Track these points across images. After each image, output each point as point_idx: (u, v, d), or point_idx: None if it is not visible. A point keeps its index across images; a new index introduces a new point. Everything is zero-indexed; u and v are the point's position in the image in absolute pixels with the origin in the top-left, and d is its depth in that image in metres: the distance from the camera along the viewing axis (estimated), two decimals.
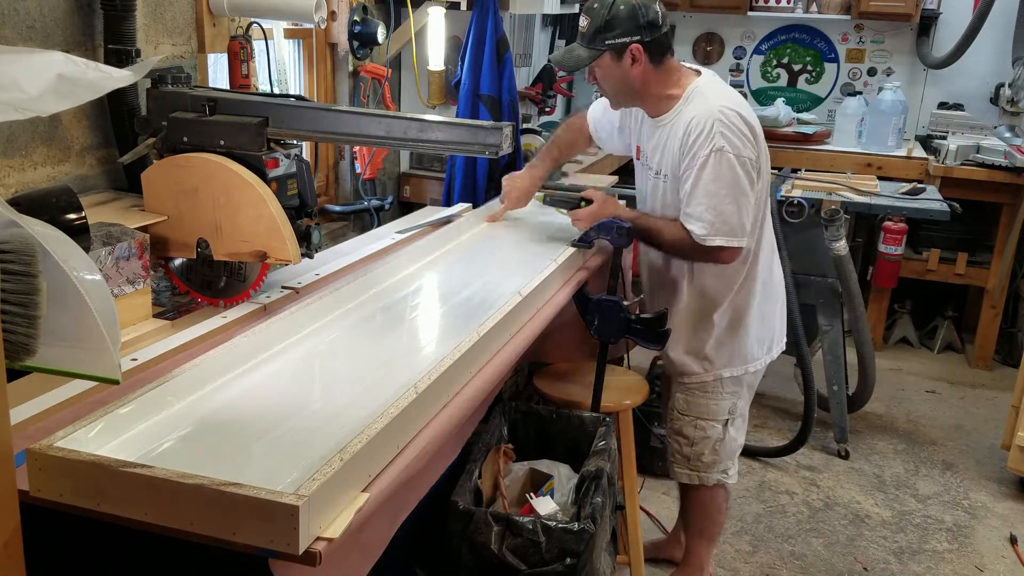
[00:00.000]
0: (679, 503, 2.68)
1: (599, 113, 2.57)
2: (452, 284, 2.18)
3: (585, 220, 2.36)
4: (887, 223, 4.30)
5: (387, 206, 3.16)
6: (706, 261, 2.23)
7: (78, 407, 1.37)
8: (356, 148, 3.21)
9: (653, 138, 2.28)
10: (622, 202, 2.54)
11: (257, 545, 1.07)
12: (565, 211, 2.47)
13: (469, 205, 2.97)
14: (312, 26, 2.67)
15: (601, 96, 2.38)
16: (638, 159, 2.42)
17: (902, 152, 4.68)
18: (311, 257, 1.93)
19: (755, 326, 2.37)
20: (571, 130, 2.68)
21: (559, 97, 4.62)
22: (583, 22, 2.16)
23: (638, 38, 2.10)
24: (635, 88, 2.19)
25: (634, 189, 2.54)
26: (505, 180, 2.67)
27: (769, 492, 3.29)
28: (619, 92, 2.24)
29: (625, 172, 4.52)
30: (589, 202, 2.40)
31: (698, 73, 2.25)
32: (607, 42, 2.12)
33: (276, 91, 2.61)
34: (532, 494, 1.92)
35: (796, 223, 3.46)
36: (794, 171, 3.92)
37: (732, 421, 2.42)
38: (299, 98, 1.91)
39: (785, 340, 2.51)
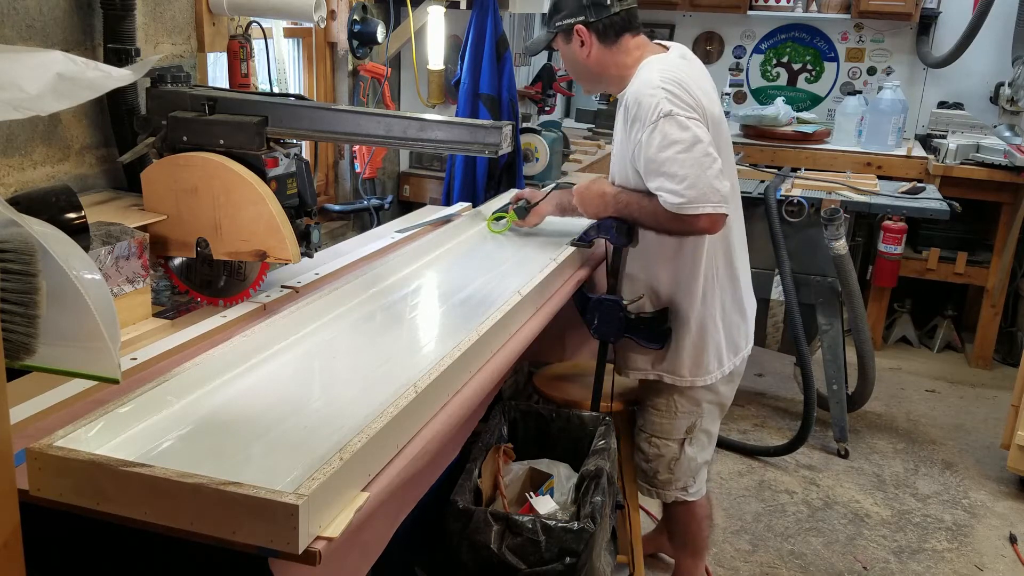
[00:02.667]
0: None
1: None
2: (452, 283, 2.18)
3: (576, 198, 2.23)
4: (887, 222, 4.30)
5: (387, 205, 3.16)
6: (688, 233, 2.05)
7: (78, 406, 1.37)
8: (356, 147, 3.21)
9: (616, 119, 2.21)
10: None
11: (257, 544, 1.07)
12: (517, 219, 2.52)
13: (469, 204, 2.97)
14: (312, 25, 2.67)
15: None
16: None
17: (902, 151, 4.68)
18: (311, 256, 1.92)
19: (713, 336, 2.21)
20: None
21: (559, 96, 4.61)
22: (546, 4, 2.19)
23: (582, 19, 2.08)
24: (588, 68, 2.15)
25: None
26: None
27: (769, 491, 3.30)
28: (576, 73, 2.21)
29: None
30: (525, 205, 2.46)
31: (664, 48, 2.15)
32: (556, 24, 2.13)
33: (276, 90, 2.61)
34: (532, 493, 1.92)
35: (796, 222, 3.46)
36: (794, 170, 3.92)
37: (691, 440, 2.29)
38: (299, 97, 1.91)
39: (746, 349, 2.32)
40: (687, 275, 2.17)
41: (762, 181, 3.72)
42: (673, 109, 1.94)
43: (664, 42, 2.21)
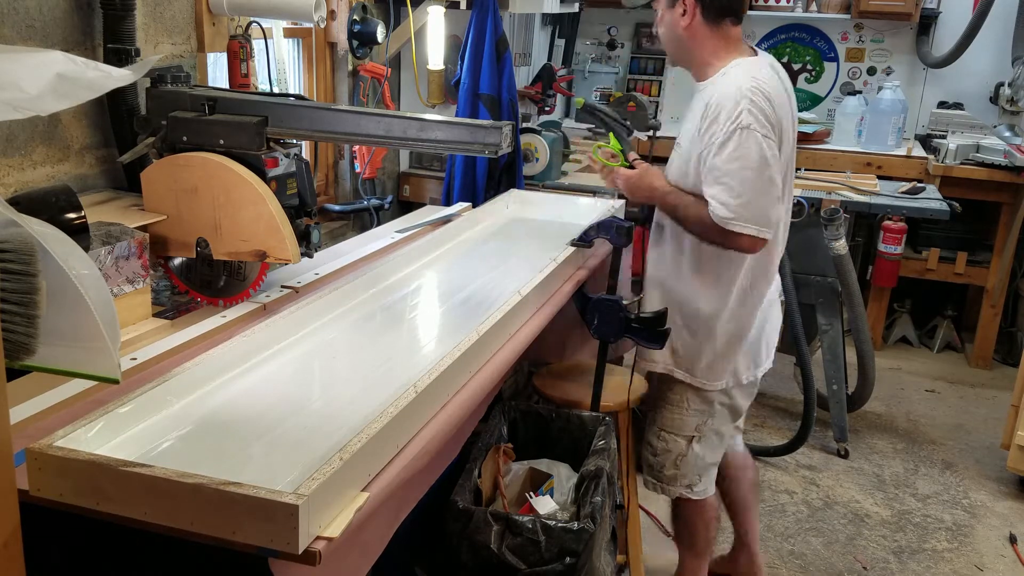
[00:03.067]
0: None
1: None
2: (452, 283, 2.18)
3: (623, 183, 2.23)
4: (887, 222, 4.30)
5: (387, 205, 3.16)
6: (727, 247, 2.06)
7: (78, 407, 1.37)
8: (355, 147, 3.21)
9: (690, 108, 2.18)
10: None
11: (257, 544, 1.07)
12: (607, 156, 2.29)
13: (469, 204, 2.97)
14: (311, 25, 2.67)
15: None
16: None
17: (902, 151, 4.68)
18: (310, 256, 1.92)
19: (736, 349, 2.21)
20: None
21: (559, 96, 4.61)
22: None
23: None
24: (682, 41, 2.10)
25: None
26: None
27: (769, 491, 3.29)
28: (668, 41, 2.16)
29: None
30: (631, 166, 2.26)
31: (755, 52, 2.13)
32: None
33: (275, 90, 2.61)
34: (532, 493, 1.92)
35: (796, 222, 3.45)
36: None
37: (700, 439, 2.29)
38: (299, 97, 1.91)
39: (767, 364, 2.32)
40: (723, 288, 2.17)
41: None
42: (753, 124, 1.93)
43: (753, 45, 2.20)
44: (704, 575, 2.53)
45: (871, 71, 5.24)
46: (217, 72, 2.52)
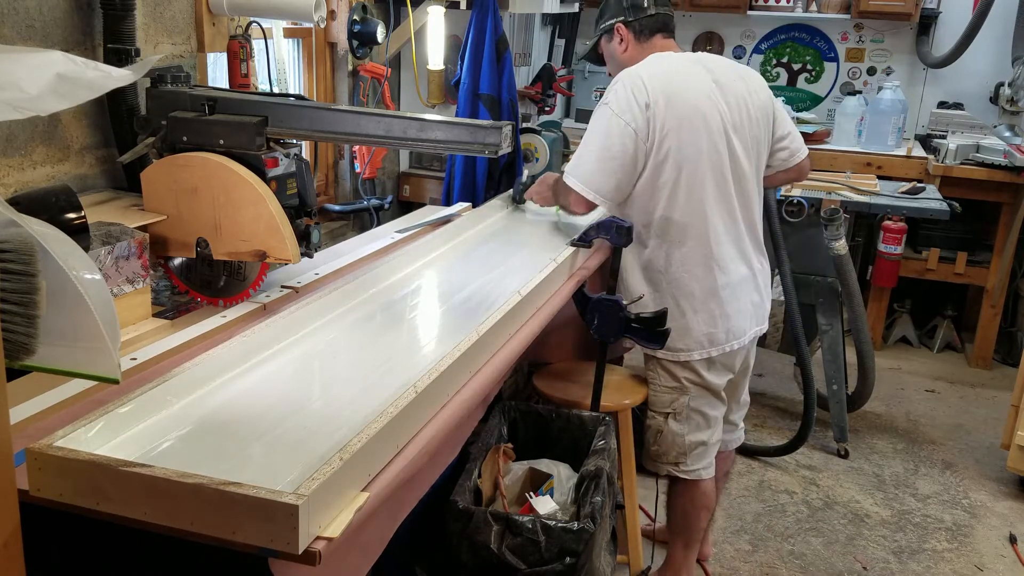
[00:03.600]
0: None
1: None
2: (452, 284, 2.18)
3: (537, 191, 2.58)
4: (887, 222, 4.30)
5: (387, 205, 3.16)
6: (565, 205, 2.38)
7: (78, 407, 1.37)
8: (355, 147, 3.21)
9: None
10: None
11: (257, 544, 1.07)
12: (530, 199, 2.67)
13: (469, 204, 2.97)
14: (311, 25, 2.67)
15: None
16: None
17: (902, 151, 4.68)
18: (311, 256, 1.92)
19: (679, 321, 2.30)
20: None
21: (559, 96, 4.61)
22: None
23: (621, 18, 2.35)
24: (622, 64, 2.35)
25: None
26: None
27: (768, 491, 3.30)
28: (613, 68, 2.41)
29: None
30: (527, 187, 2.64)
31: (678, 53, 2.37)
32: (601, 27, 2.42)
33: (275, 90, 2.61)
34: (532, 493, 1.92)
35: (796, 222, 3.46)
36: None
37: (675, 415, 2.38)
38: (298, 97, 1.91)
39: (729, 345, 2.36)
40: (652, 267, 2.33)
41: None
42: (612, 102, 2.20)
43: (688, 51, 2.42)
44: (692, 571, 2.58)
45: (871, 71, 5.24)
46: (217, 72, 2.52)
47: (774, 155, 2.41)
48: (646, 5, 2.34)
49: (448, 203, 3.19)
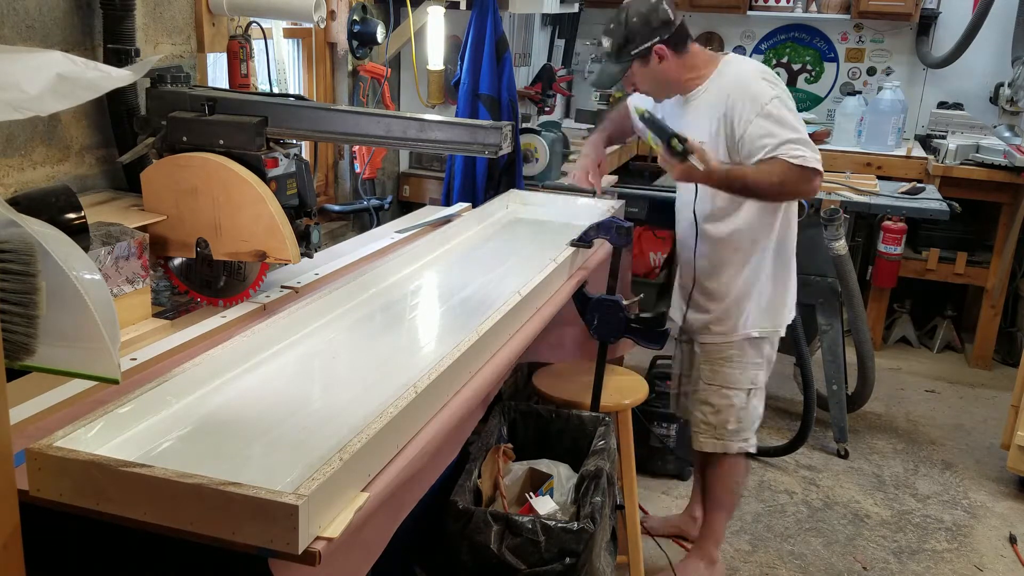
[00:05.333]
0: (696, 479, 2.90)
1: (636, 101, 2.66)
2: (452, 284, 2.18)
3: (675, 169, 2.22)
4: (886, 223, 4.30)
5: (386, 206, 3.16)
6: (805, 192, 2.29)
7: (78, 407, 1.37)
8: (355, 148, 3.21)
9: (684, 117, 2.39)
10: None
11: (257, 545, 1.07)
12: (658, 143, 2.23)
13: (468, 205, 2.97)
14: (311, 25, 2.67)
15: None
16: None
17: (901, 151, 4.68)
18: (310, 257, 1.92)
19: (790, 287, 2.54)
20: (619, 114, 2.83)
21: (558, 97, 4.62)
22: (606, 43, 2.37)
23: (658, 39, 2.31)
24: (669, 79, 2.38)
25: (633, 188, 2.58)
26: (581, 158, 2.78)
27: (768, 492, 3.29)
28: (657, 88, 2.43)
29: (625, 172, 4.52)
30: (684, 153, 2.17)
31: (724, 53, 2.47)
32: (633, 52, 2.33)
33: (275, 91, 2.61)
34: (531, 494, 1.92)
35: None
36: None
37: (754, 392, 2.54)
38: (298, 97, 1.91)
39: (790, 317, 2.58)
40: (776, 239, 2.45)
41: None
42: (778, 91, 2.28)
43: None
44: (724, 534, 2.75)
45: (871, 71, 5.24)
46: (217, 72, 2.52)
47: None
48: (673, 18, 2.34)
49: (448, 203, 3.19)
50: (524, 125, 3.58)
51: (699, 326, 2.55)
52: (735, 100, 2.27)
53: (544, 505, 1.87)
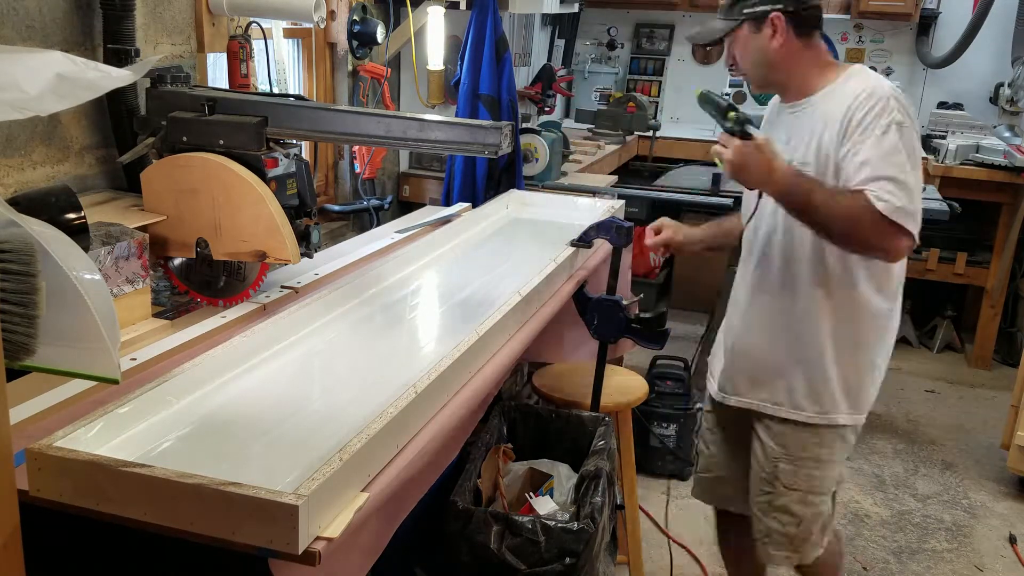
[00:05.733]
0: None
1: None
2: (451, 284, 2.18)
3: (731, 154, 1.81)
4: None
5: (386, 206, 3.16)
6: (877, 248, 1.80)
7: (77, 407, 1.37)
8: (355, 148, 3.21)
9: (786, 130, 2.01)
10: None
11: (257, 545, 1.07)
12: (717, 121, 1.93)
13: (468, 205, 2.97)
14: (311, 26, 2.67)
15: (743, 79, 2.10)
16: None
17: None
18: (310, 257, 1.92)
19: (881, 365, 2.04)
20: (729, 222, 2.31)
21: (558, 97, 4.61)
22: None
23: (780, 6, 1.90)
24: (775, 62, 1.95)
25: (633, 188, 2.47)
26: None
27: None
28: (759, 67, 1.99)
29: (625, 172, 4.52)
30: (746, 135, 1.82)
31: (850, 63, 2.03)
32: (745, 11, 1.94)
33: (275, 91, 2.61)
34: (531, 494, 1.92)
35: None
36: None
37: (838, 490, 2.08)
38: (298, 98, 1.91)
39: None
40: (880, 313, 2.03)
41: None
42: (907, 123, 1.80)
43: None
44: None
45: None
46: (217, 72, 2.52)
47: None
48: None
49: (448, 203, 3.19)
50: (524, 125, 3.58)
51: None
52: (853, 113, 1.81)
53: (544, 505, 1.87)
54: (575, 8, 4.75)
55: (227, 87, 2.46)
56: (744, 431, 2.10)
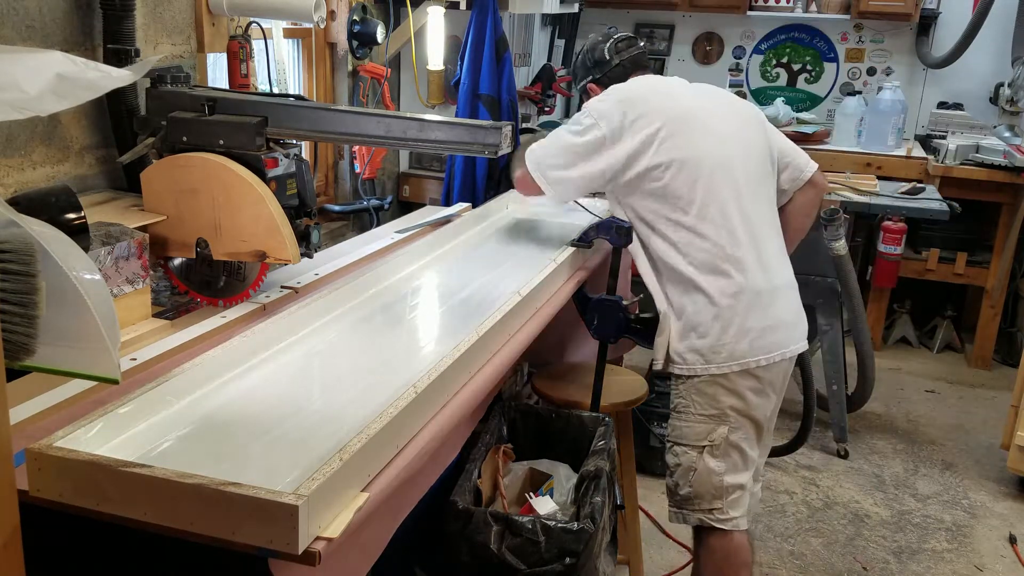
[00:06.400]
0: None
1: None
2: (451, 284, 2.18)
3: None
4: (886, 223, 4.30)
5: (386, 206, 3.16)
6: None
7: (77, 407, 1.37)
8: (355, 148, 3.21)
9: None
10: None
11: (256, 545, 1.07)
12: None
13: (468, 205, 2.97)
14: (311, 26, 2.67)
15: None
16: None
17: (901, 152, 4.68)
18: (310, 257, 1.92)
19: (713, 319, 2.08)
20: None
21: (558, 97, 4.61)
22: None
23: (590, 78, 2.42)
24: None
25: None
26: None
27: (768, 492, 3.29)
28: None
29: None
30: None
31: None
32: (577, 88, 2.51)
33: (275, 91, 2.61)
34: (531, 494, 1.91)
35: None
36: None
37: (713, 450, 2.11)
38: (298, 98, 1.91)
39: (768, 358, 2.11)
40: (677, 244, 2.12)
41: None
42: (589, 104, 2.23)
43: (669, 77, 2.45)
44: None
45: (871, 71, 5.24)
46: (217, 72, 2.52)
47: (780, 174, 2.27)
48: (608, 58, 2.38)
49: (448, 203, 3.19)
50: (524, 125, 3.58)
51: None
52: None
53: (544, 505, 1.87)
54: (575, 8, 4.76)
55: (227, 87, 2.46)
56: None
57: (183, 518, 1.09)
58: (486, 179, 3.21)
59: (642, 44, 2.42)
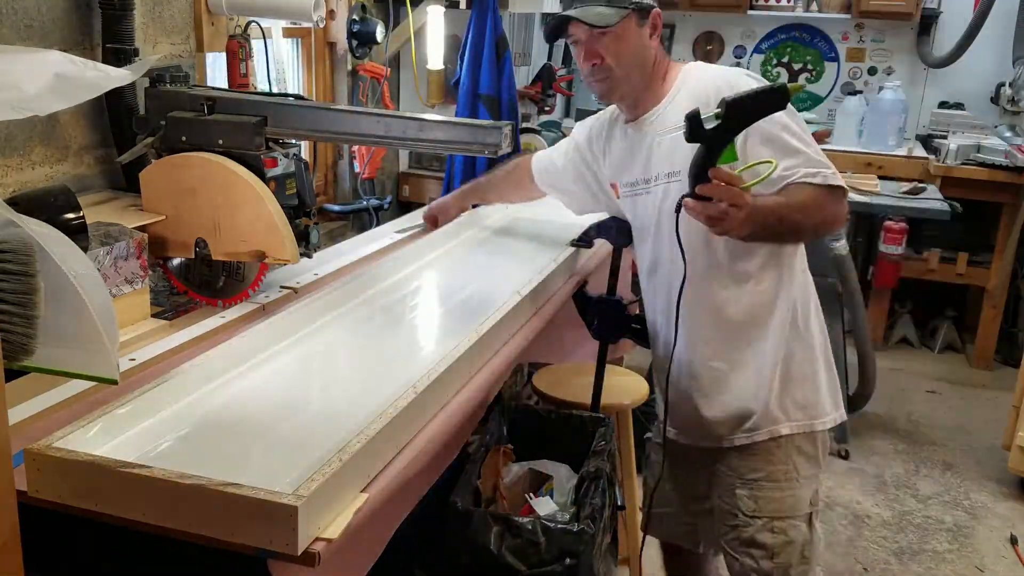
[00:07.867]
0: None
1: (547, 159, 2.26)
2: (451, 284, 2.18)
3: (741, 214, 1.54)
4: (887, 223, 4.30)
5: (386, 206, 3.15)
6: (840, 219, 1.77)
7: (76, 407, 1.37)
8: (355, 147, 3.21)
9: (639, 152, 1.88)
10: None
11: (256, 545, 1.07)
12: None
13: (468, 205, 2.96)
14: (311, 25, 2.67)
15: (596, 81, 1.84)
16: (627, 190, 1.97)
17: (902, 152, 4.68)
18: (310, 257, 1.92)
19: (823, 369, 1.87)
20: (517, 169, 2.32)
21: (559, 96, 4.61)
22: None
23: (656, 6, 1.80)
24: (646, 61, 1.81)
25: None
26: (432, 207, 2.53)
27: None
28: (636, 69, 1.80)
29: None
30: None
31: (681, 60, 1.92)
32: (634, 1, 1.76)
33: (275, 90, 2.61)
34: (531, 494, 1.91)
35: None
36: None
37: (816, 513, 1.84)
38: (298, 97, 1.91)
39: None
40: (780, 285, 1.89)
41: None
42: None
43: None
44: None
45: (872, 71, 5.24)
46: (216, 72, 2.52)
47: None
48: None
49: None
50: (524, 125, 3.58)
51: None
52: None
53: (544, 506, 1.86)
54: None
55: (226, 87, 2.45)
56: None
57: (182, 519, 1.09)
58: None
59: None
